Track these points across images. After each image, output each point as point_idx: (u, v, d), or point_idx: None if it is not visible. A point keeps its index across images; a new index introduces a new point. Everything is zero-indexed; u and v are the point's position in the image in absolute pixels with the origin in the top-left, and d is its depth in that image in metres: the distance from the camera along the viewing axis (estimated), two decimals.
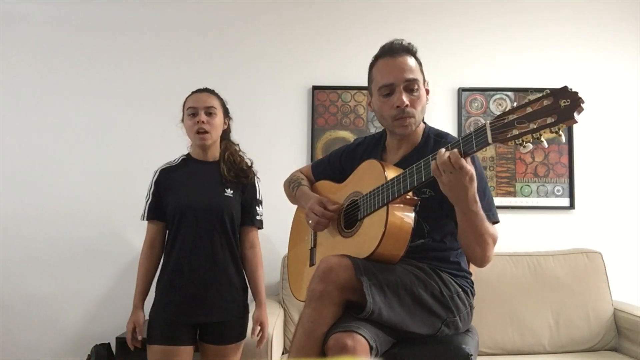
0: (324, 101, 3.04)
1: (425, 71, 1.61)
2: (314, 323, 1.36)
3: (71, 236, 2.92)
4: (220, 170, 2.02)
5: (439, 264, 1.52)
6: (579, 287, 2.68)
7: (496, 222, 1.51)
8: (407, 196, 1.43)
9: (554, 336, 2.61)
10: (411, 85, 1.54)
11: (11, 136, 2.98)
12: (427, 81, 1.63)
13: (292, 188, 1.89)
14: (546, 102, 1.11)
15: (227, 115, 2.12)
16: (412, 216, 1.44)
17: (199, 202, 1.96)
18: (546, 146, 1.13)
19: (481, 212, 1.37)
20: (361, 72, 1.70)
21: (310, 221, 1.67)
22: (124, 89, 3.01)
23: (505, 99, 3.05)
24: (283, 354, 2.48)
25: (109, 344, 2.65)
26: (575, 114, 1.07)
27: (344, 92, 3.04)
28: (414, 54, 1.59)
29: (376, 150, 1.72)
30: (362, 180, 1.60)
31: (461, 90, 3.04)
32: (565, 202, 3.01)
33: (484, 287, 2.15)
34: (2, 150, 2.97)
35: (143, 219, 2.03)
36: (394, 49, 1.57)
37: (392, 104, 1.54)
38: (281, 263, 2.78)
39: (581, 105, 1.07)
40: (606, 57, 3.08)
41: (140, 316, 1.97)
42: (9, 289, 2.88)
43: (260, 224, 2.11)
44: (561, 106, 1.09)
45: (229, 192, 2.00)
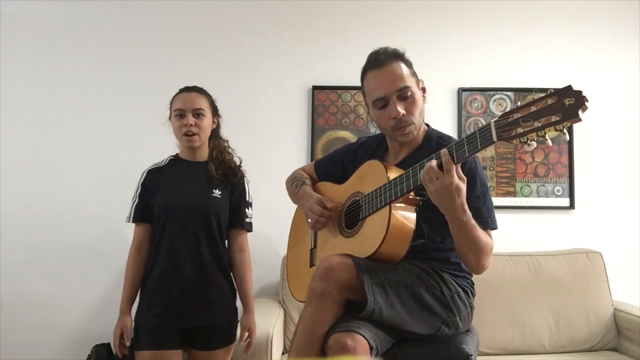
0: (324, 101, 3.04)
1: (425, 71, 1.60)
2: (315, 322, 1.36)
3: (71, 236, 2.91)
4: (209, 169, 1.97)
5: (439, 264, 1.52)
6: (579, 287, 2.67)
7: (494, 229, 1.51)
8: (409, 196, 1.43)
9: (554, 336, 2.61)
10: (404, 94, 1.53)
11: (11, 136, 2.97)
12: (421, 80, 1.61)
13: (295, 186, 1.88)
14: (550, 101, 1.12)
15: (216, 114, 2.06)
16: (414, 216, 1.44)
17: (185, 203, 1.90)
18: (550, 144, 1.13)
19: (471, 221, 1.37)
20: (361, 72, 1.67)
21: (309, 220, 1.67)
22: (123, 88, 3.00)
23: (505, 99, 3.05)
24: (283, 353, 2.47)
25: (109, 344, 2.64)
26: (580, 112, 1.07)
27: (344, 92, 3.04)
28: (401, 58, 1.57)
29: (378, 151, 1.72)
30: (364, 180, 1.60)
31: (461, 90, 3.04)
32: (565, 202, 3.01)
33: (484, 287, 2.14)
34: (2, 150, 2.96)
35: (129, 221, 1.98)
36: (380, 59, 1.55)
37: (388, 115, 1.54)
38: (281, 263, 2.78)
39: (585, 103, 1.08)
40: (606, 57, 3.08)
41: (128, 322, 1.92)
42: (9, 289, 2.87)
43: (249, 226, 2.05)
44: (565, 104, 1.09)
45: (216, 193, 1.95)
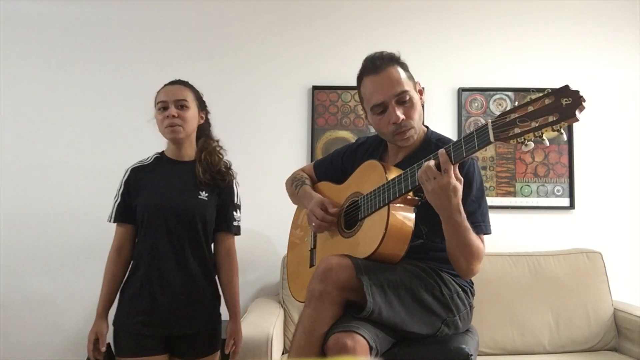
0: (324, 101, 3.04)
1: (425, 71, 1.60)
2: (314, 323, 1.36)
3: (71, 236, 2.91)
4: (196, 171, 1.86)
5: (438, 264, 1.52)
6: (579, 287, 2.67)
7: (487, 234, 1.51)
8: (407, 196, 1.43)
9: (554, 336, 2.61)
10: (402, 98, 1.53)
11: (11, 136, 2.97)
12: (418, 82, 1.61)
13: (294, 187, 1.88)
14: (547, 101, 1.12)
15: (203, 108, 1.96)
16: (413, 216, 1.44)
17: (169, 204, 1.81)
18: (548, 144, 1.13)
19: (465, 223, 1.37)
20: None
21: (312, 223, 1.67)
22: (123, 88, 3.01)
23: (505, 99, 3.05)
24: (283, 354, 2.47)
25: (109, 343, 2.63)
26: (577, 112, 1.07)
27: (344, 92, 3.04)
28: (397, 62, 1.56)
29: (377, 151, 1.72)
30: (363, 180, 1.60)
31: (461, 90, 3.04)
32: (565, 202, 3.01)
33: (484, 287, 2.15)
34: (2, 150, 2.97)
35: (110, 221, 1.88)
36: (376, 64, 1.55)
37: (388, 120, 1.54)
38: (281, 263, 2.78)
39: (583, 103, 1.07)
40: (606, 57, 3.08)
41: (104, 326, 1.83)
42: (9, 289, 2.88)
43: (237, 230, 1.94)
44: (563, 104, 1.09)
45: (203, 195, 1.85)
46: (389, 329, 1.40)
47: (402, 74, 1.54)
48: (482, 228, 1.50)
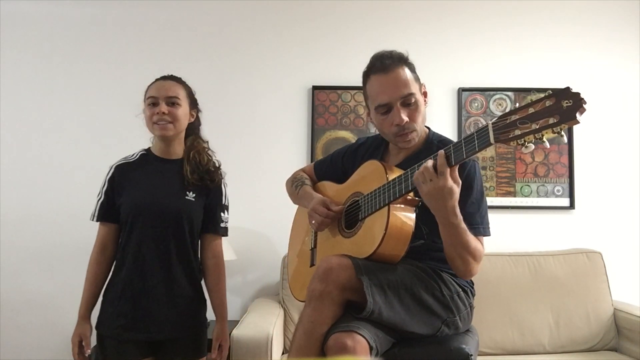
0: (324, 101, 3.04)
1: (425, 71, 1.59)
2: (314, 323, 1.36)
3: (71, 236, 2.91)
4: (184, 170, 1.79)
5: (439, 265, 1.52)
6: (579, 287, 2.67)
7: (485, 236, 1.51)
8: (408, 196, 1.43)
9: (554, 336, 2.61)
10: (408, 100, 1.52)
11: (11, 136, 2.97)
12: (423, 84, 1.60)
13: (295, 187, 1.88)
14: (548, 103, 1.11)
15: (194, 106, 1.89)
16: (413, 217, 1.44)
17: (155, 204, 1.74)
18: (548, 146, 1.13)
19: (462, 225, 1.37)
20: (361, 72, 1.66)
21: (313, 221, 1.66)
22: (123, 88, 3.00)
23: (505, 99, 3.05)
24: (283, 354, 2.47)
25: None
26: (578, 114, 1.07)
27: (344, 92, 3.04)
28: (405, 62, 1.55)
29: (377, 151, 1.72)
30: (364, 180, 1.60)
31: (461, 90, 3.04)
32: (565, 202, 3.01)
33: (484, 287, 2.15)
34: (1, 150, 2.97)
35: (93, 220, 1.82)
36: (385, 64, 1.53)
37: (391, 121, 1.53)
38: (281, 263, 2.78)
39: (583, 106, 1.07)
40: (606, 58, 3.09)
41: (87, 328, 1.78)
42: (9, 289, 2.88)
43: (224, 231, 1.88)
44: (563, 107, 1.09)
45: (190, 196, 1.78)
46: (389, 329, 1.40)
47: (409, 75, 1.53)
48: (480, 230, 1.49)
